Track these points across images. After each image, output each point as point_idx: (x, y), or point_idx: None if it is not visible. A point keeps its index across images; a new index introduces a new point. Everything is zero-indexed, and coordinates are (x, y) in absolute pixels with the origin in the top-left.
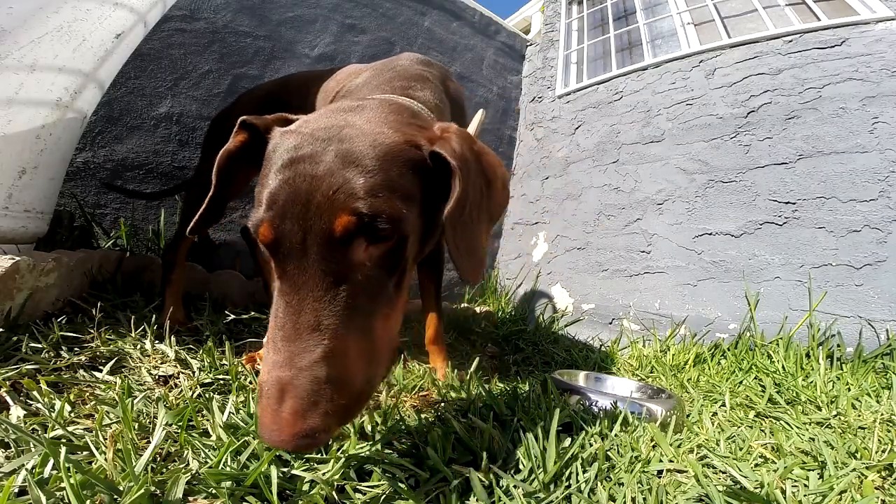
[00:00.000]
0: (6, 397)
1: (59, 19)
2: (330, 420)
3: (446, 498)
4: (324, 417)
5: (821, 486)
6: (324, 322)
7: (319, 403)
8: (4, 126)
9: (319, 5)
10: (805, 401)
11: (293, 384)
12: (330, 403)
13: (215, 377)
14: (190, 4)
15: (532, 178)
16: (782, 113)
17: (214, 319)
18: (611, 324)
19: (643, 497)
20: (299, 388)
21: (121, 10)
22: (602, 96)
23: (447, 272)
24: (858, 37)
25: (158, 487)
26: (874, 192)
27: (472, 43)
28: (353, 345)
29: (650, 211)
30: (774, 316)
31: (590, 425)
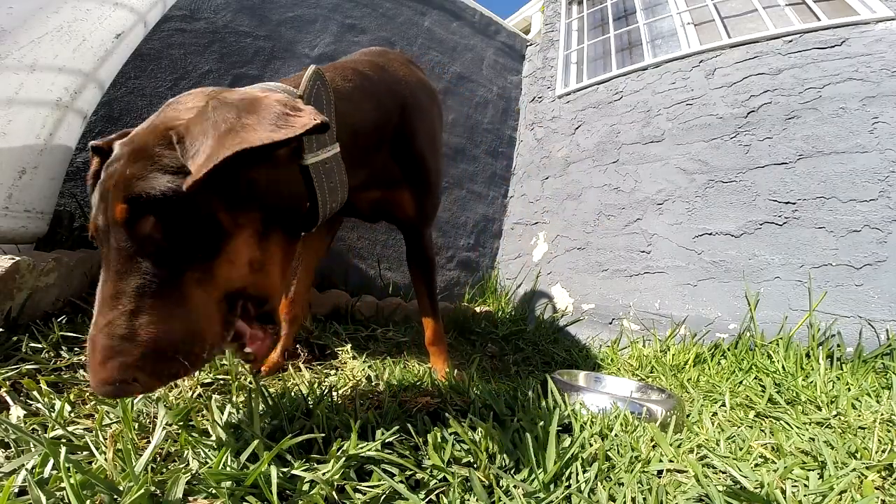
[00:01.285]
0: (6, 397)
1: (59, 19)
2: (130, 371)
3: (446, 498)
4: (122, 367)
5: (821, 486)
6: (120, 290)
7: (115, 356)
8: (4, 126)
9: (319, 5)
10: (805, 401)
11: (95, 341)
12: (126, 356)
13: (215, 377)
14: (190, 4)
15: (532, 178)
16: (782, 113)
17: None
18: (611, 324)
19: (643, 497)
20: (99, 344)
21: (121, 10)
22: (602, 96)
23: (448, 272)
24: (858, 37)
25: (158, 487)
26: (874, 192)
27: (472, 43)
28: (147, 306)
29: (650, 211)
30: (774, 316)
31: (590, 425)
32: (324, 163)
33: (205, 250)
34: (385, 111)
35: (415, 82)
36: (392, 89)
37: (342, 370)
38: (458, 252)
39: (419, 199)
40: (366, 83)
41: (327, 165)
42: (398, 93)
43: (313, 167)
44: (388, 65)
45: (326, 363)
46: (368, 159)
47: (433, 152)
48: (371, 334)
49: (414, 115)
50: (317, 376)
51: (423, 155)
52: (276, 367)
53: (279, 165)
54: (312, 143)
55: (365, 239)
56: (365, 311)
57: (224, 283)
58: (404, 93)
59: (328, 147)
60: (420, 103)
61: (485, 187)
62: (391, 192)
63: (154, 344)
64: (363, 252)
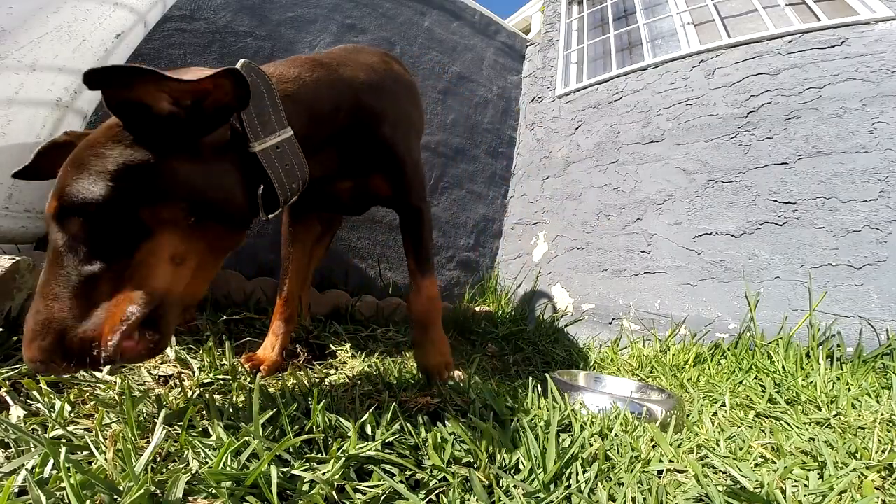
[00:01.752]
0: (6, 397)
1: (59, 19)
2: (47, 354)
3: (446, 498)
4: (40, 350)
5: (821, 486)
6: (49, 279)
7: (36, 338)
8: (4, 126)
9: (319, 5)
10: (805, 401)
11: (26, 321)
12: (43, 340)
13: (215, 377)
14: (190, 4)
15: (532, 178)
16: (782, 113)
17: (214, 319)
18: (611, 324)
19: (643, 497)
20: (27, 325)
21: (121, 10)
22: (602, 96)
23: (448, 271)
24: (858, 37)
25: (158, 487)
26: (874, 192)
27: (472, 43)
28: (66, 297)
29: (650, 211)
30: (774, 316)
31: (590, 425)
32: (275, 147)
33: (123, 250)
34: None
35: (382, 70)
36: (354, 77)
37: (342, 370)
38: (458, 252)
39: (395, 180)
40: (323, 73)
41: (279, 149)
42: (361, 81)
43: (263, 153)
44: (354, 56)
45: (326, 363)
46: (334, 145)
47: (402, 134)
48: (371, 334)
49: (378, 101)
50: (317, 376)
51: (392, 140)
52: (276, 367)
53: (206, 155)
54: (257, 129)
55: (365, 239)
56: (365, 311)
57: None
58: (369, 80)
59: (278, 132)
60: (386, 90)
61: (485, 187)
62: (365, 179)
63: (63, 334)
64: (363, 252)
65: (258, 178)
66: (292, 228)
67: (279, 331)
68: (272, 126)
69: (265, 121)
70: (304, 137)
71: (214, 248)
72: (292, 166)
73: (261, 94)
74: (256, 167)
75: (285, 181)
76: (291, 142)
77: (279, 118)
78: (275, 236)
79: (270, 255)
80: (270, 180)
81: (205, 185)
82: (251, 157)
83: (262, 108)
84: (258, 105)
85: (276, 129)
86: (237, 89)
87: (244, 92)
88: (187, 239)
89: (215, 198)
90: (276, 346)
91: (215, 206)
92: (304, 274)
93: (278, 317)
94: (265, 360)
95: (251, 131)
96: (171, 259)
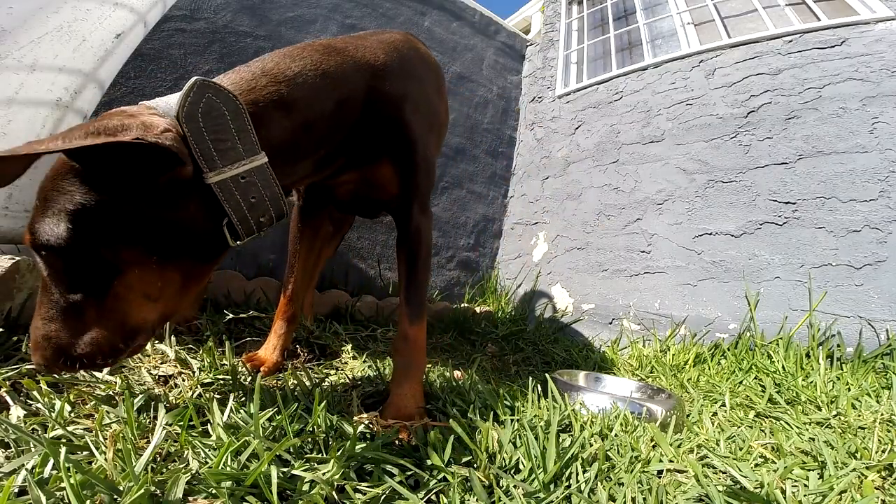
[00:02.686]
0: (6, 397)
1: (59, 19)
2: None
3: (446, 498)
4: (43, 358)
5: (821, 486)
6: (44, 297)
7: (38, 349)
8: (4, 126)
9: (319, 5)
10: (805, 401)
11: (32, 331)
12: (45, 351)
13: (215, 377)
14: (190, 4)
15: (532, 178)
16: (782, 113)
17: (214, 319)
18: (611, 324)
19: (643, 497)
20: (32, 335)
21: (121, 10)
22: (602, 96)
23: (448, 272)
24: (858, 37)
25: (158, 487)
26: (874, 192)
27: (472, 43)
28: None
29: (650, 211)
30: (774, 316)
31: (590, 425)
32: (238, 178)
33: (97, 284)
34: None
35: (405, 49)
36: (372, 60)
37: (342, 370)
38: (458, 252)
39: (404, 172)
40: (334, 63)
41: (245, 180)
42: (376, 57)
43: (221, 185)
44: (374, 37)
45: (327, 363)
46: (333, 141)
47: (422, 121)
48: (371, 334)
49: (396, 80)
50: (317, 376)
51: (407, 123)
52: (276, 367)
53: (163, 193)
54: (213, 158)
55: (365, 239)
56: (365, 311)
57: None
58: (385, 57)
59: (245, 160)
60: (406, 69)
61: (485, 187)
62: (370, 168)
63: (61, 349)
64: (363, 252)
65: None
66: (300, 227)
67: (281, 330)
68: (236, 154)
69: (225, 148)
70: (295, 148)
71: (190, 278)
72: (261, 200)
73: (220, 117)
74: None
75: (248, 216)
76: (262, 171)
77: (247, 143)
78: (276, 237)
79: (271, 255)
80: (229, 214)
81: (161, 225)
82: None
83: (222, 133)
84: (216, 130)
85: (243, 157)
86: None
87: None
88: (157, 276)
89: (174, 237)
90: (277, 346)
91: (176, 245)
92: (309, 274)
93: (280, 316)
94: (266, 360)
95: (204, 162)
96: (145, 295)
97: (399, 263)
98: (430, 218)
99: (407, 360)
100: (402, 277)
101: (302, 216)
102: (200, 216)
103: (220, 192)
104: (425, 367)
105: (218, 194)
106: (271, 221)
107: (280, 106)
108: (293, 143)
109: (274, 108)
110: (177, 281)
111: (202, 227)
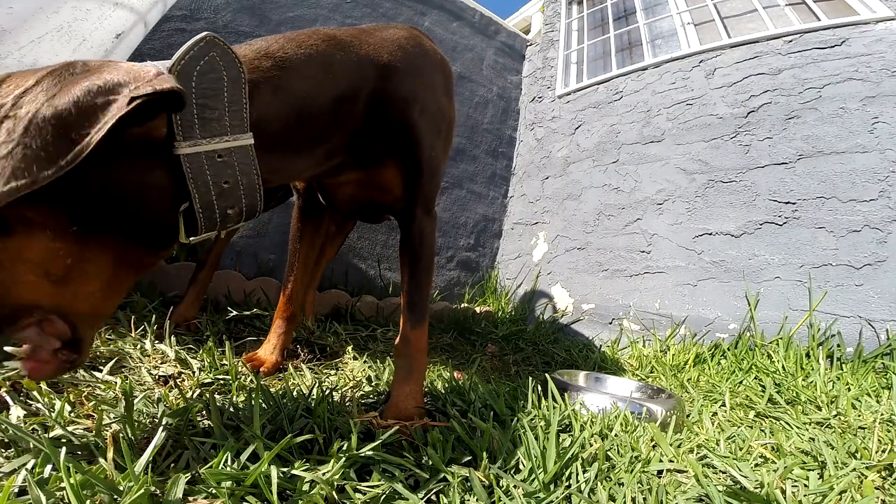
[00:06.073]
0: (6, 397)
1: (59, 19)
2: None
3: (446, 498)
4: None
5: (821, 486)
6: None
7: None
8: None
9: (319, 5)
10: (805, 401)
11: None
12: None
13: (215, 377)
14: (190, 4)
15: (532, 178)
16: (782, 113)
17: (214, 319)
18: (611, 324)
19: (643, 497)
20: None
21: (121, 10)
22: (602, 96)
23: (448, 272)
24: (858, 37)
25: (158, 487)
26: (874, 192)
27: (472, 43)
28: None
29: (650, 211)
30: (774, 316)
31: (590, 425)
32: (213, 155)
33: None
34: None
35: (411, 47)
36: (371, 52)
37: (342, 370)
38: (458, 252)
39: (409, 174)
40: (328, 48)
41: (221, 160)
42: (380, 55)
43: (192, 159)
44: (379, 33)
45: (326, 363)
46: (329, 137)
47: (429, 123)
48: (371, 334)
49: (402, 78)
50: (317, 376)
51: (413, 123)
52: (276, 367)
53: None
54: (193, 127)
55: (365, 239)
56: (365, 311)
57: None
58: (390, 56)
59: (229, 136)
60: (413, 67)
61: (485, 187)
62: (374, 171)
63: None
64: (363, 252)
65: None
66: (301, 225)
67: (280, 330)
68: (220, 127)
69: (210, 118)
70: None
71: (118, 266)
72: (234, 187)
73: (217, 82)
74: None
75: (215, 203)
76: (245, 153)
77: (236, 119)
78: (276, 237)
79: (271, 255)
80: (191, 196)
81: (102, 186)
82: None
83: (212, 100)
84: (207, 96)
85: (227, 133)
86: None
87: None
88: (70, 250)
89: (113, 205)
90: (276, 345)
91: (112, 217)
92: (310, 273)
93: (280, 315)
94: (266, 360)
95: (181, 129)
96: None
97: (402, 266)
98: (435, 220)
99: (408, 362)
100: (404, 280)
101: (302, 215)
102: (156, 191)
103: (189, 168)
104: (426, 368)
105: (186, 170)
106: (239, 216)
107: (278, 91)
108: (285, 136)
109: (272, 93)
110: (97, 265)
111: (154, 205)
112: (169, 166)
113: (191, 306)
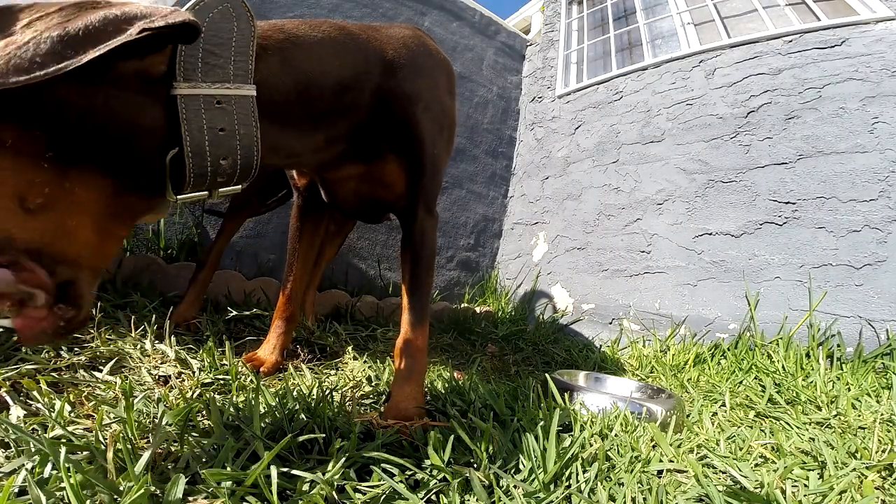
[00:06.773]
0: (6, 397)
1: None
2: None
3: (446, 498)
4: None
5: (821, 486)
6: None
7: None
8: None
9: (319, 5)
10: (805, 401)
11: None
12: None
13: (215, 377)
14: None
15: (532, 178)
16: (782, 113)
17: (214, 319)
18: (611, 324)
19: (643, 497)
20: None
21: None
22: (602, 96)
23: (448, 272)
24: (858, 37)
25: (158, 487)
26: (874, 192)
27: (472, 43)
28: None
29: (650, 211)
30: (774, 316)
31: (590, 425)
32: (212, 100)
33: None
34: (360, 69)
35: (415, 46)
36: (378, 48)
37: (342, 370)
38: (458, 252)
39: (411, 171)
40: (339, 36)
41: (219, 106)
42: (385, 52)
43: (187, 100)
44: (384, 31)
45: (326, 363)
46: (332, 122)
47: (431, 120)
48: (371, 334)
49: (406, 76)
50: (317, 376)
51: (416, 120)
52: (276, 366)
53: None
54: (195, 69)
55: (365, 239)
56: (365, 311)
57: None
58: (395, 53)
59: (229, 84)
60: (417, 65)
61: (485, 187)
62: (376, 165)
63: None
64: (363, 252)
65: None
66: (300, 224)
67: (280, 330)
68: (223, 74)
69: (214, 64)
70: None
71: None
72: (231, 135)
73: (227, 32)
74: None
75: (207, 150)
76: (246, 104)
77: (241, 69)
78: (276, 237)
79: (271, 255)
80: (182, 139)
81: (87, 112)
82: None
83: (219, 48)
84: (214, 43)
85: (229, 80)
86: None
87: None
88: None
89: (98, 135)
90: (276, 345)
91: (96, 148)
92: (309, 273)
93: (280, 315)
94: (265, 360)
95: (183, 70)
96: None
97: (402, 265)
98: (436, 220)
99: (408, 363)
100: (405, 280)
101: (302, 214)
102: (145, 128)
103: (184, 109)
104: (427, 368)
105: (180, 109)
106: (233, 170)
107: (286, 64)
108: (286, 109)
109: (279, 63)
110: (81, 200)
111: (142, 142)
112: (164, 105)
113: (191, 306)
